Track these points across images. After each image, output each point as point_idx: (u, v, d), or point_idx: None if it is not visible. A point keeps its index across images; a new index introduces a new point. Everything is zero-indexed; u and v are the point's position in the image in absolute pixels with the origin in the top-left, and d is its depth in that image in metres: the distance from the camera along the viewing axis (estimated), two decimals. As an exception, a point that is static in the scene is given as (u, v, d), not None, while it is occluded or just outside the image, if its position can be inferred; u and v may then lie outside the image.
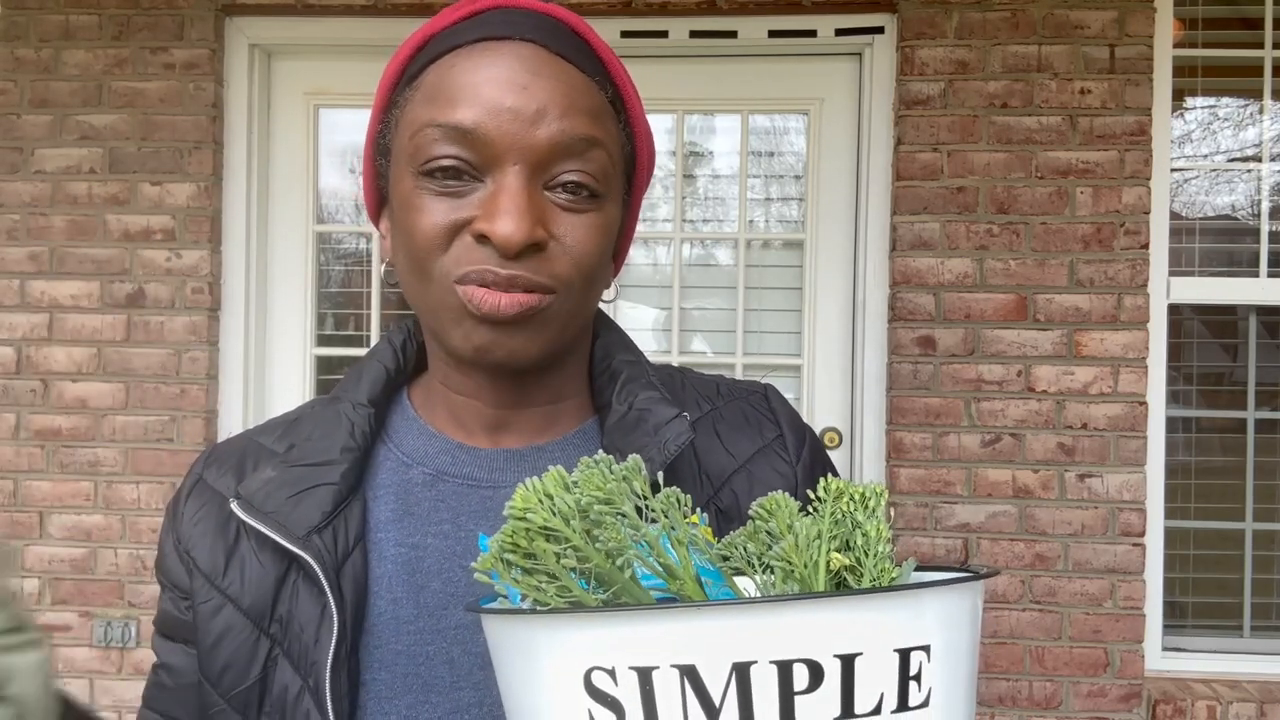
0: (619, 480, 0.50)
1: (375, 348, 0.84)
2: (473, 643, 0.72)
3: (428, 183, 0.69)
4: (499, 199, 0.66)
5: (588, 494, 0.49)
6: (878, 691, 0.46)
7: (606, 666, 0.45)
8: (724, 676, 0.44)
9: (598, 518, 0.49)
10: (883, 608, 0.46)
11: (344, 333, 3.05)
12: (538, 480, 0.50)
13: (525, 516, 0.49)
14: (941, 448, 2.68)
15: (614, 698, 0.45)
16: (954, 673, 0.49)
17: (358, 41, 2.85)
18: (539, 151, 0.67)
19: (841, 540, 0.56)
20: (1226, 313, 2.89)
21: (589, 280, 0.72)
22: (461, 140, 0.67)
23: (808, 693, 0.44)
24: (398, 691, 0.72)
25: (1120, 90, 2.66)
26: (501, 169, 0.67)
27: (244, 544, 0.75)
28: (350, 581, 0.71)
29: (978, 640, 0.52)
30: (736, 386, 0.87)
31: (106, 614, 2.81)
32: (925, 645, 0.47)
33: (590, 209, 0.70)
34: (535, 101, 0.67)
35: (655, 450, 0.72)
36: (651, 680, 0.45)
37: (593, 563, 0.49)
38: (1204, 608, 2.86)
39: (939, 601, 0.48)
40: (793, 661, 0.44)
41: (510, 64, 0.68)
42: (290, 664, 0.71)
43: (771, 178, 2.96)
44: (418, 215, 0.69)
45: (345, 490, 0.74)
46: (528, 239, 0.66)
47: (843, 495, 0.58)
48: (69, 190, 2.84)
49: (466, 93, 0.67)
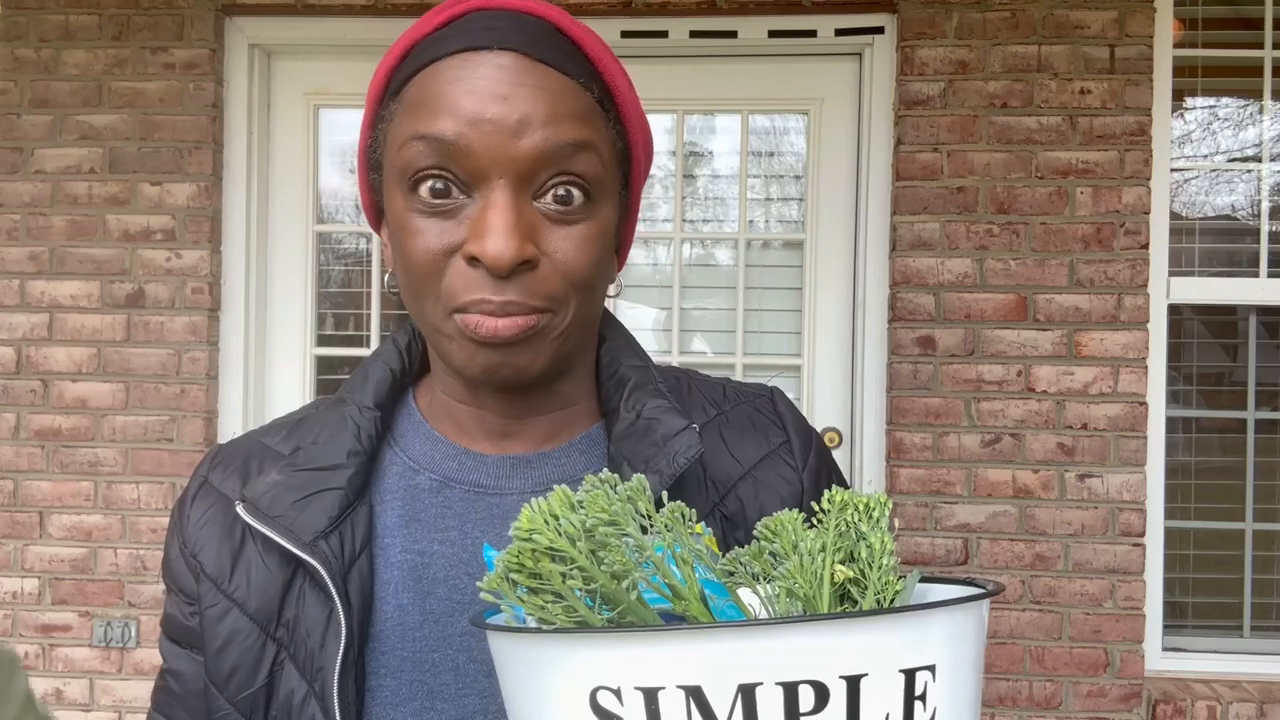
0: (623, 501, 0.50)
1: (380, 349, 0.84)
2: (478, 650, 0.72)
3: (417, 202, 0.69)
4: (487, 217, 0.66)
5: (593, 515, 0.49)
6: (883, 712, 0.46)
7: (612, 686, 0.45)
8: (729, 697, 0.44)
9: (603, 539, 0.49)
10: (889, 629, 0.46)
11: (344, 333, 3.05)
12: (543, 500, 0.50)
13: (531, 537, 0.49)
14: (941, 448, 2.69)
15: (620, 717, 0.46)
16: (959, 691, 0.49)
17: (358, 41, 2.85)
18: (523, 163, 0.67)
19: (845, 552, 0.56)
20: (1226, 313, 2.89)
21: (585, 293, 0.71)
22: (444, 152, 0.67)
23: (813, 714, 0.44)
24: (403, 698, 0.72)
25: (1120, 90, 2.66)
26: (488, 184, 0.67)
27: (250, 547, 0.74)
28: (357, 587, 0.71)
29: (983, 654, 0.52)
30: (743, 390, 0.86)
31: (106, 614, 2.81)
32: (930, 665, 0.47)
33: (581, 218, 0.70)
34: (517, 111, 0.66)
35: (664, 462, 0.72)
36: (657, 700, 0.45)
37: (598, 583, 0.49)
38: (1204, 608, 2.86)
39: (945, 621, 0.48)
40: (798, 683, 0.44)
41: (490, 75, 0.67)
42: (296, 669, 0.71)
43: (771, 178, 2.96)
44: (411, 239, 0.69)
45: (352, 495, 0.74)
46: (517, 257, 0.66)
47: (847, 506, 0.58)
48: (69, 190, 2.83)
49: (447, 105, 0.67)
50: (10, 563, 2.84)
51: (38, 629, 2.84)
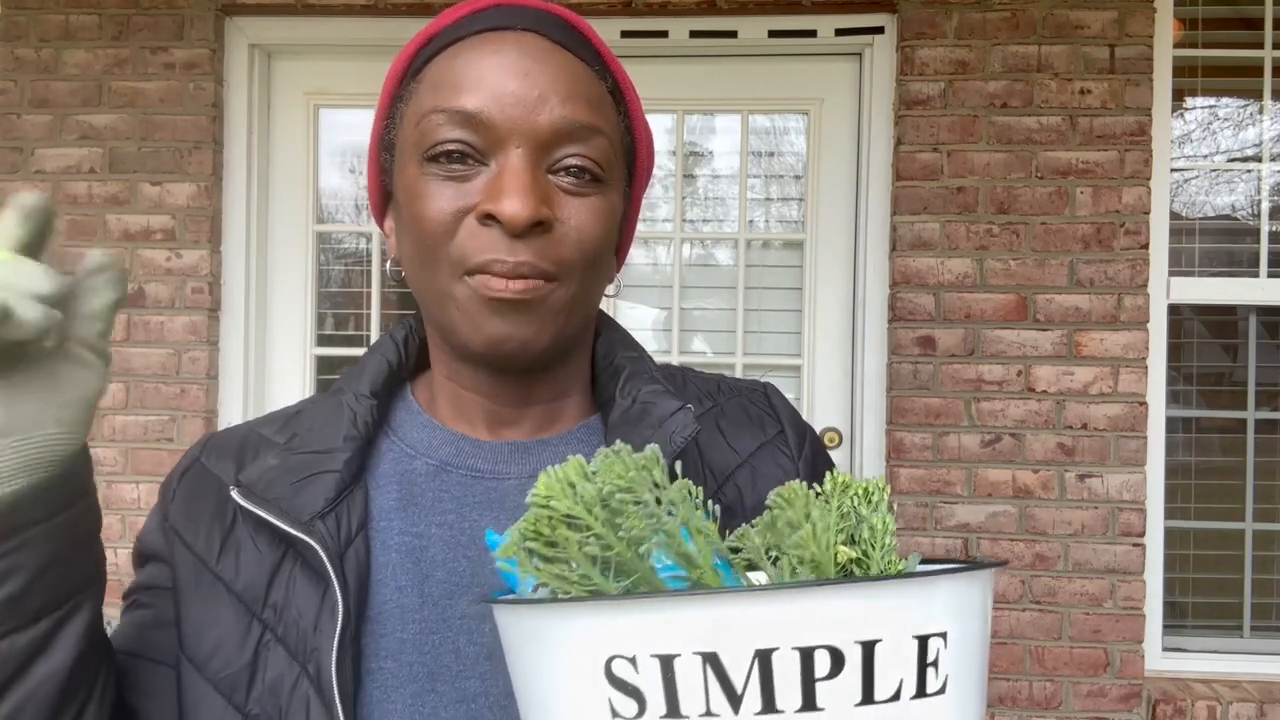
0: (639, 469, 0.50)
1: (377, 343, 0.85)
2: (479, 633, 0.72)
3: (433, 168, 0.70)
4: (504, 179, 0.68)
5: (610, 482, 0.49)
6: (897, 678, 0.46)
7: (628, 655, 0.45)
8: (746, 663, 0.44)
9: (619, 506, 0.49)
10: (902, 594, 0.46)
11: (344, 333, 3.05)
12: (559, 469, 0.50)
13: (549, 504, 0.49)
14: (941, 448, 2.69)
15: (635, 686, 0.45)
16: (969, 662, 0.49)
17: (358, 41, 2.85)
18: (541, 135, 0.68)
19: (847, 534, 0.57)
20: (1226, 313, 2.90)
21: (593, 265, 0.73)
22: (466, 124, 0.68)
23: (829, 679, 0.44)
24: (403, 680, 0.71)
25: (1120, 90, 2.66)
26: (505, 151, 0.68)
27: (240, 529, 0.74)
28: (354, 568, 0.71)
29: (989, 633, 0.53)
30: (737, 384, 0.88)
31: (106, 614, 2.80)
32: (942, 632, 0.47)
33: (594, 192, 0.71)
34: (537, 87, 0.68)
35: (661, 443, 0.72)
36: (674, 668, 0.45)
37: (614, 550, 0.49)
38: (1204, 608, 2.86)
39: (954, 588, 0.48)
40: (815, 648, 0.44)
41: (512, 51, 0.69)
42: (286, 651, 0.70)
43: (771, 178, 2.96)
44: (424, 201, 0.70)
45: (348, 477, 0.74)
46: (534, 216, 0.67)
47: (849, 489, 0.58)
48: (69, 190, 2.83)
49: (470, 79, 0.69)
50: (9, 563, 2.83)
51: (36, 629, 2.82)
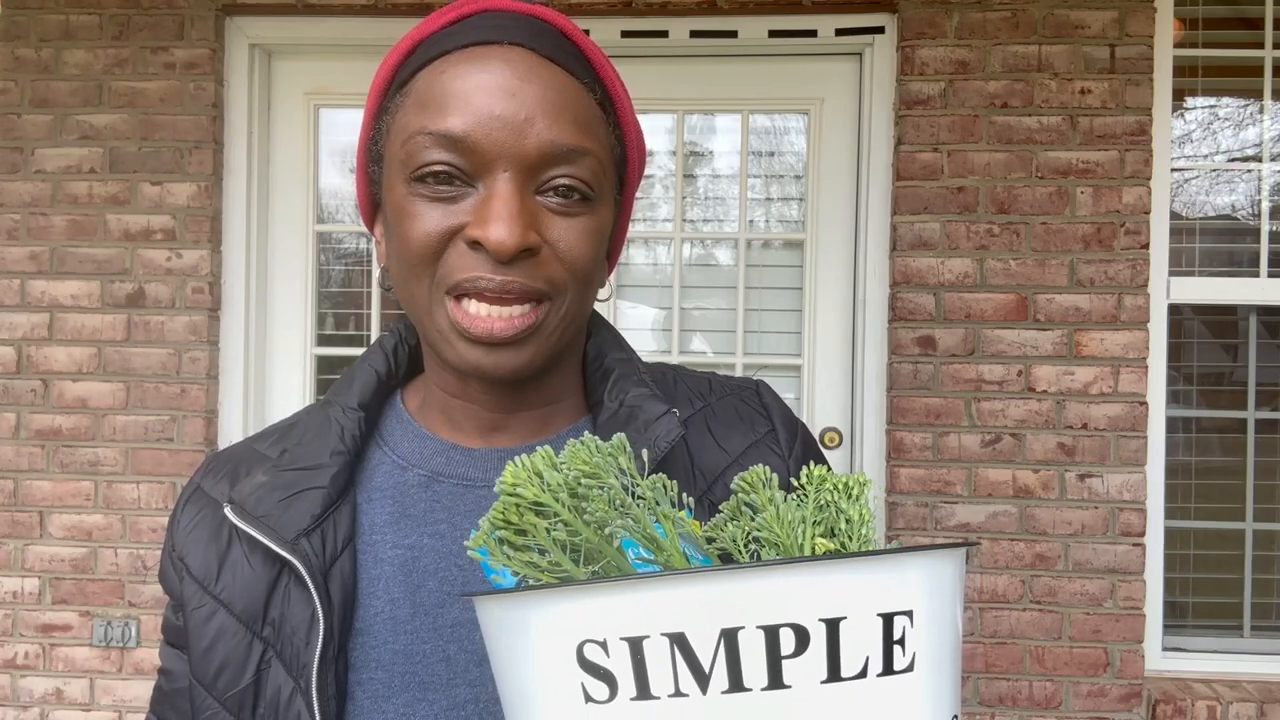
0: (605, 456, 0.50)
1: (366, 353, 0.85)
2: (469, 640, 0.73)
3: (420, 188, 0.69)
4: (491, 205, 0.67)
5: (574, 468, 0.50)
6: (863, 655, 0.46)
7: (598, 639, 0.46)
8: (713, 643, 0.45)
9: (584, 492, 0.50)
10: (866, 570, 0.47)
11: (344, 333, 3.06)
12: (527, 458, 0.51)
13: (516, 492, 0.49)
14: (942, 448, 2.68)
15: (606, 669, 0.46)
16: (938, 640, 0.49)
17: (358, 41, 2.85)
18: (529, 159, 0.68)
19: (826, 526, 0.57)
20: (1226, 313, 2.89)
21: (583, 283, 0.72)
22: (452, 147, 0.68)
23: (794, 657, 0.45)
24: (394, 690, 0.72)
25: (1120, 90, 2.66)
26: (492, 175, 0.68)
27: (236, 549, 0.75)
28: (338, 584, 0.72)
29: (961, 613, 0.53)
30: (728, 383, 0.88)
31: (107, 614, 2.81)
32: (908, 610, 0.47)
33: (582, 212, 0.71)
34: (524, 109, 0.67)
35: (646, 446, 0.73)
36: (643, 650, 0.45)
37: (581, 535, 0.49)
38: (1204, 608, 2.86)
39: (921, 566, 0.49)
40: (779, 626, 0.45)
41: (499, 69, 0.68)
42: (283, 666, 0.72)
43: (771, 178, 2.97)
44: (411, 222, 0.69)
45: (334, 494, 0.75)
46: (520, 244, 0.66)
47: (825, 481, 0.58)
48: (69, 190, 2.84)
49: (457, 100, 0.68)
50: (11, 562, 2.84)
51: (38, 629, 2.84)
